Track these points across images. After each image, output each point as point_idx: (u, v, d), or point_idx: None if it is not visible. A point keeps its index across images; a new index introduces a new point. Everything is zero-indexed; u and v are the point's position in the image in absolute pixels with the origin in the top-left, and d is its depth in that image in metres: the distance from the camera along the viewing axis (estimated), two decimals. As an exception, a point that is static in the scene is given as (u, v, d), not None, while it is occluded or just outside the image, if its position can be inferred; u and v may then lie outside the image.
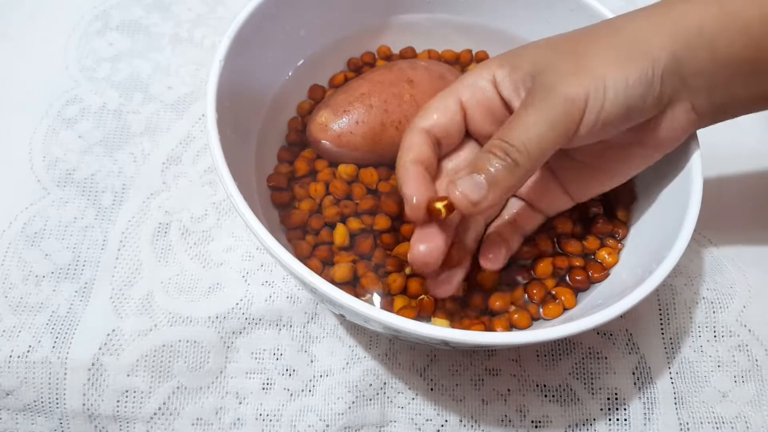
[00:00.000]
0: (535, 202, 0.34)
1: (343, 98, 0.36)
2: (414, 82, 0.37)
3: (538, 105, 0.27)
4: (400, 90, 0.36)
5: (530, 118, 0.26)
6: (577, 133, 0.27)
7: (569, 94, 0.26)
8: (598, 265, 0.34)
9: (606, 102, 0.27)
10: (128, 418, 0.33)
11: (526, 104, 0.27)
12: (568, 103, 0.26)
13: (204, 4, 0.48)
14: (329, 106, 0.36)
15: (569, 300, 0.33)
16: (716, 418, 0.34)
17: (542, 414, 0.34)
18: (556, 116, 0.26)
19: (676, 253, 0.28)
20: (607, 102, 0.27)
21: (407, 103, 0.36)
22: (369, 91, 0.36)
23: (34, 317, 0.35)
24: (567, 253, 0.34)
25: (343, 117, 0.35)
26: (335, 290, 0.26)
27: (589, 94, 0.27)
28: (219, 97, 0.31)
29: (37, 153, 0.40)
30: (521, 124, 0.26)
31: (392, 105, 0.36)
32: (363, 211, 0.35)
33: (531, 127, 0.26)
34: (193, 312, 0.35)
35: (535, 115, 0.26)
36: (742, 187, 0.43)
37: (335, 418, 0.34)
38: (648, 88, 0.27)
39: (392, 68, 0.38)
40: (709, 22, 0.28)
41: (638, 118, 0.28)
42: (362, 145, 0.36)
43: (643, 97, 0.27)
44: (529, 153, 0.26)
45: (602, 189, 0.33)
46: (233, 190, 0.28)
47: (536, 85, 0.28)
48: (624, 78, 0.27)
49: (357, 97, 0.36)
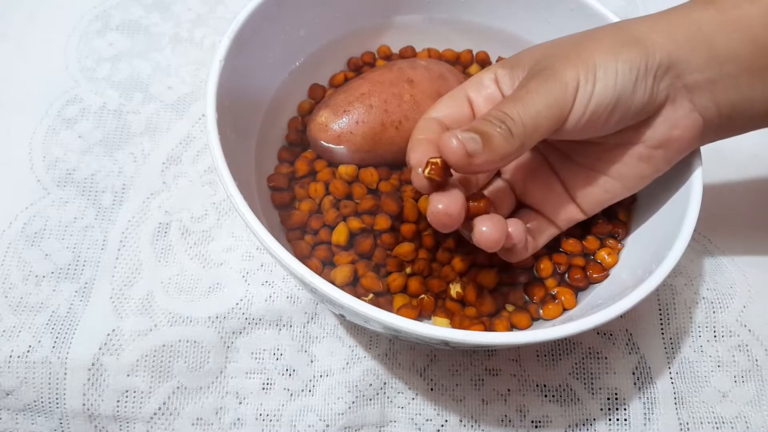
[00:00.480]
0: (545, 211, 0.33)
1: (343, 98, 0.36)
2: (414, 81, 0.37)
3: (534, 84, 0.27)
4: (400, 90, 0.36)
5: (528, 94, 0.27)
6: (569, 116, 0.27)
7: (563, 75, 0.27)
8: (598, 266, 0.34)
9: (596, 86, 0.27)
10: (128, 418, 0.33)
11: (524, 83, 0.28)
12: (561, 84, 0.27)
13: (204, 4, 0.48)
14: (329, 106, 0.36)
15: (569, 300, 0.33)
16: (716, 418, 0.34)
17: (542, 414, 0.34)
18: (552, 95, 0.27)
19: (675, 254, 0.28)
20: (597, 86, 0.27)
21: (407, 103, 0.36)
22: (369, 90, 0.36)
23: (34, 317, 0.35)
24: (567, 253, 0.34)
25: (343, 117, 0.35)
26: (335, 290, 0.26)
27: (580, 76, 0.27)
28: (219, 97, 0.31)
29: (37, 153, 0.40)
30: (519, 99, 0.27)
31: (392, 105, 0.36)
32: (363, 211, 0.35)
33: (528, 102, 0.27)
34: (193, 312, 0.35)
35: (533, 92, 0.27)
36: (742, 188, 0.43)
37: (335, 418, 0.34)
38: (640, 79, 0.27)
39: (392, 68, 0.38)
40: (708, 21, 0.28)
41: (629, 113, 0.28)
42: (362, 145, 0.36)
43: (633, 87, 0.27)
44: (525, 126, 0.26)
45: (613, 198, 0.32)
46: (233, 190, 0.28)
47: (534, 69, 0.29)
48: (614, 64, 0.27)
49: (357, 96, 0.36)
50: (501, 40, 0.41)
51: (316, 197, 0.35)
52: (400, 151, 0.36)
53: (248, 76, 0.35)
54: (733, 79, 0.28)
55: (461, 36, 0.42)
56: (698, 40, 0.28)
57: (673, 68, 0.28)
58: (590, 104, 0.27)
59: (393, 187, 0.36)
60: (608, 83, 0.27)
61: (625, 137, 0.30)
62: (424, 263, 0.34)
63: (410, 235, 0.34)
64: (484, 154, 0.26)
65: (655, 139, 0.30)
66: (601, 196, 0.32)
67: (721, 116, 0.29)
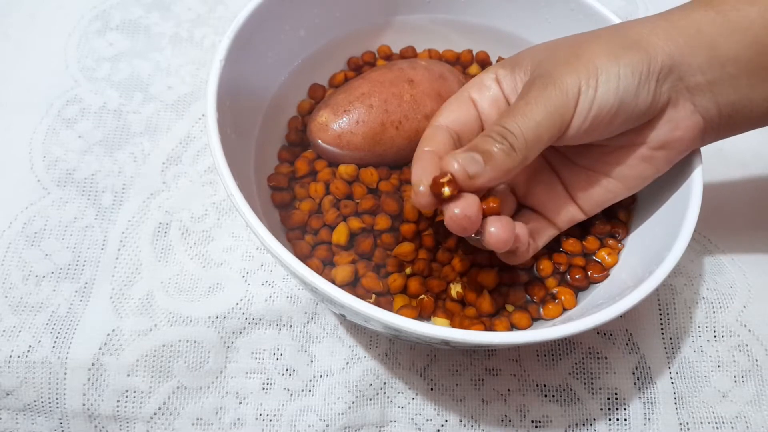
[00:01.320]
0: (546, 212, 0.33)
1: (343, 98, 0.36)
2: (414, 81, 0.37)
3: (534, 93, 0.27)
4: (400, 90, 0.36)
5: (528, 106, 0.27)
6: (571, 123, 0.27)
7: (564, 83, 0.27)
8: (598, 265, 0.34)
9: (598, 91, 0.27)
10: (128, 418, 0.33)
11: (524, 93, 0.28)
12: (562, 92, 0.27)
13: (204, 4, 0.48)
14: (329, 106, 0.36)
15: (569, 300, 0.33)
16: (716, 418, 0.34)
17: (542, 414, 0.34)
18: (552, 104, 0.27)
19: (676, 254, 0.28)
20: (599, 91, 0.27)
21: (407, 103, 0.36)
22: (369, 90, 0.36)
23: (34, 317, 0.35)
24: (567, 253, 0.34)
25: (343, 117, 0.35)
26: (335, 290, 0.26)
27: (581, 82, 0.27)
28: (219, 97, 0.31)
29: (37, 153, 0.40)
30: (519, 112, 0.27)
31: (392, 105, 0.36)
32: (363, 210, 0.35)
33: (528, 114, 0.27)
34: (193, 312, 0.35)
35: (532, 102, 0.27)
36: (743, 187, 0.43)
37: (335, 418, 0.34)
38: (642, 83, 0.27)
39: (392, 68, 0.38)
40: (708, 23, 0.28)
41: (632, 117, 0.28)
42: (362, 145, 0.36)
43: (636, 91, 0.27)
44: (526, 140, 0.26)
45: (614, 198, 0.32)
46: (234, 189, 0.28)
47: (534, 76, 0.29)
48: (617, 69, 0.27)
49: (357, 96, 0.36)
50: (501, 39, 0.41)
51: (317, 197, 0.35)
52: (401, 151, 0.36)
53: (248, 76, 0.35)
54: (734, 80, 0.28)
55: (461, 36, 0.42)
56: (699, 42, 0.28)
57: (675, 71, 0.28)
58: (592, 110, 0.27)
59: (393, 187, 0.36)
60: (610, 88, 0.27)
61: (627, 139, 0.30)
62: (424, 263, 0.34)
63: (410, 235, 0.34)
64: (486, 173, 0.26)
65: (657, 141, 0.30)
66: (602, 196, 0.32)
67: (722, 117, 0.29)
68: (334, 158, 0.36)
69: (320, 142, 0.36)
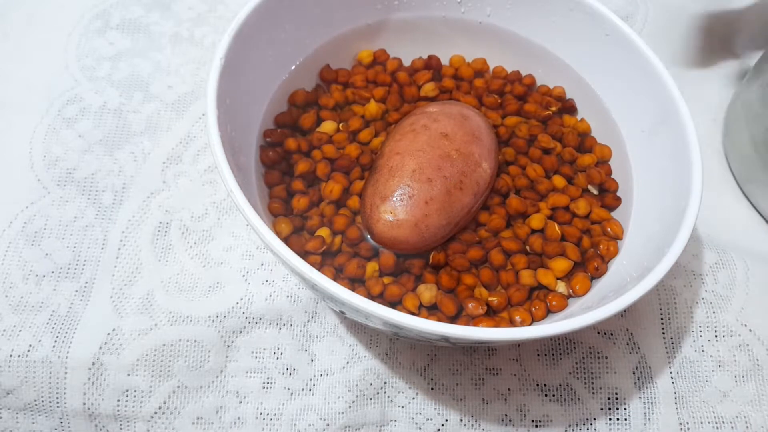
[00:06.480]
0: None
1: (395, 183, 0.33)
2: (448, 135, 0.34)
3: None
4: (442, 149, 0.34)
5: None
6: None
7: None
8: (598, 258, 0.34)
9: None
10: (128, 418, 0.33)
11: None
12: None
13: (204, 3, 0.49)
14: (386, 200, 0.33)
15: (584, 286, 0.33)
16: (717, 417, 0.34)
17: (542, 413, 0.34)
18: None
19: (675, 251, 0.28)
20: None
21: (456, 160, 0.34)
22: (418, 165, 0.33)
23: (34, 317, 0.35)
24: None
25: (408, 204, 0.32)
26: (336, 286, 0.26)
27: None
28: (219, 95, 0.31)
29: (37, 152, 0.40)
30: None
31: (446, 168, 0.33)
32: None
33: None
34: (194, 311, 0.35)
35: None
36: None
37: (335, 417, 0.34)
38: None
39: (416, 129, 0.35)
40: None
41: None
42: (439, 222, 0.33)
43: None
44: None
45: None
46: (234, 187, 0.28)
47: None
48: None
49: (409, 175, 0.33)
50: (501, 39, 0.41)
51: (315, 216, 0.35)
52: (471, 212, 0.35)
53: (249, 75, 0.35)
54: None
55: (461, 36, 0.42)
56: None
57: None
58: None
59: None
60: None
61: None
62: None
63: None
64: None
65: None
66: None
67: None
68: (407, 250, 0.34)
69: (394, 239, 0.33)
